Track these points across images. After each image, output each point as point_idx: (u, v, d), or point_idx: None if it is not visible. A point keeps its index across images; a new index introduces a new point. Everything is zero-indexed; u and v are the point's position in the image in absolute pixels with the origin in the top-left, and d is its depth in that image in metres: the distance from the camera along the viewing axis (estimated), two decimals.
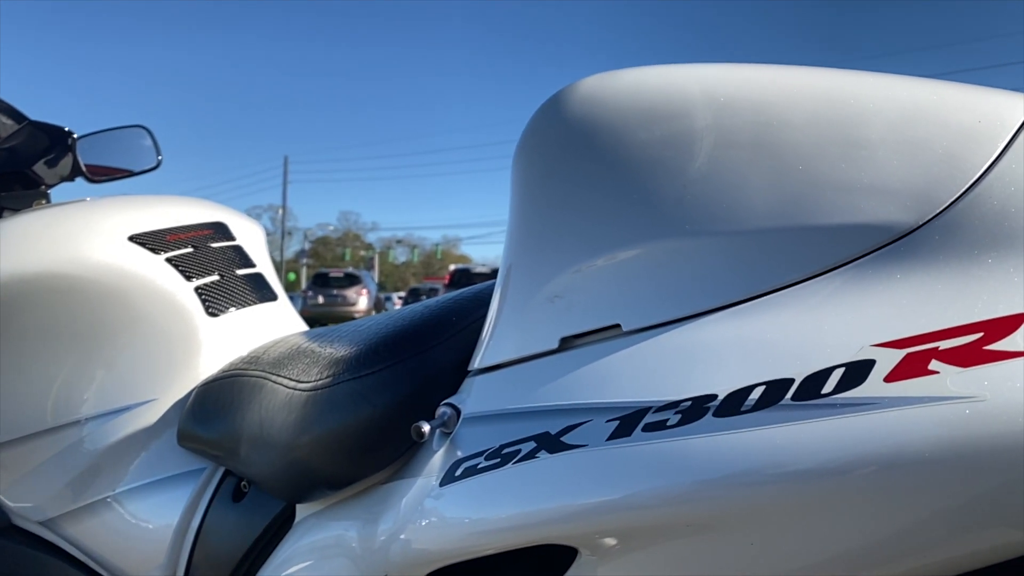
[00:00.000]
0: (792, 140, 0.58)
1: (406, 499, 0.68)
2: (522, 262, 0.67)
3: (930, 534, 0.45)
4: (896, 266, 0.52)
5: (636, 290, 0.59)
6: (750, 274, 0.55)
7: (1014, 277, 0.48)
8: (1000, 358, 0.45)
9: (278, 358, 0.94)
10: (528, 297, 0.65)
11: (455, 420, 0.65)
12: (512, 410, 0.61)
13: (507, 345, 0.66)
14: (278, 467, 0.83)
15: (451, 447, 0.64)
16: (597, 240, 0.62)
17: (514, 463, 0.57)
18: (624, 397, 0.54)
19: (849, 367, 0.48)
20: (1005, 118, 0.54)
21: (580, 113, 0.66)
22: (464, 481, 0.60)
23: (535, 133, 0.69)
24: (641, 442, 0.52)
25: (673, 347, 0.55)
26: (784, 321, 0.53)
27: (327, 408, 0.77)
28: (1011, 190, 0.51)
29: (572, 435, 0.55)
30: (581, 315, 0.61)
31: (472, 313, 0.78)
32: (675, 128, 0.62)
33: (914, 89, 0.59)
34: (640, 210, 0.60)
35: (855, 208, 0.54)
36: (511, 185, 0.72)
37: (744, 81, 0.63)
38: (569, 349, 0.61)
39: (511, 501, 0.56)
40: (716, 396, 0.51)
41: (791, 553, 0.48)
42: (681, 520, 0.50)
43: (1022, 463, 0.43)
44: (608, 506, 0.52)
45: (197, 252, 1.18)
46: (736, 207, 0.57)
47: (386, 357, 0.75)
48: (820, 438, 0.47)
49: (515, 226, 0.69)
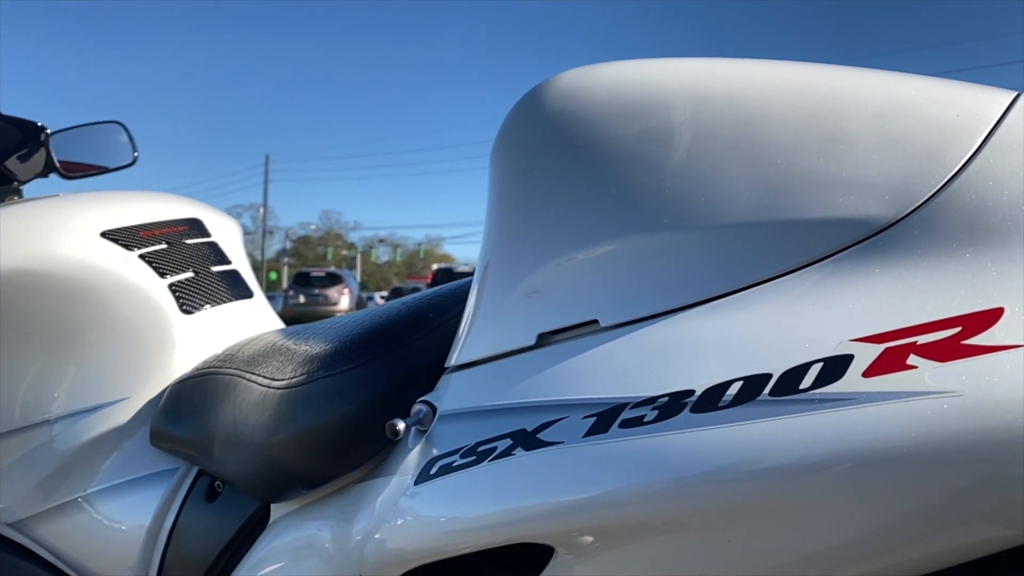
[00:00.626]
0: (771, 134, 0.57)
1: (381, 498, 0.67)
2: (500, 258, 0.66)
3: (909, 530, 0.45)
4: (875, 260, 0.51)
5: (614, 285, 0.58)
6: (728, 269, 0.55)
7: (992, 271, 0.48)
8: (978, 352, 0.45)
9: (252, 356, 0.92)
10: (506, 293, 0.64)
11: (431, 418, 0.64)
12: (488, 407, 0.60)
13: (484, 341, 0.65)
14: (252, 466, 0.82)
15: (426, 445, 0.63)
16: (575, 235, 0.61)
17: (490, 461, 0.56)
18: (601, 393, 0.54)
19: (827, 362, 0.48)
20: (983, 113, 0.54)
21: (558, 107, 0.65)
22: (439, 479, 0.59)
23: (513, 128, 0.69)
24: (618, 439, 0.51)
25: (651, 343, 0.55)
26: (762, 316, 0.52)
27: (301, 406, 0.76)
28: (989, 184, 0.50)
29: (548, 432, 0.54)
30: (559, 311, 0.60)
31: (449, 310, 0.77)
32: (654, 122, 0.61)
33: (893, 84, 0.59)
34: (619, 205, 0.60)
35: (834, 203, 0.53)
36: (489, 180, 0.71)
37: (723, 75, 0.62)
38: (547, 345, 0.61)
39: (486, 499, 0.55)
40: (693, 392, 0.50)
41: (770, 550, 0.48)
42: (658, 518, 0.50)
43: (1000, 458, 0.43)
44: (584, 504, 0.51)
45: (171, 248, 1.16)
46: (715, 202, 0.56)
47: (362, 354, 0.74)
48: (798, 434, 0.46)
49: (493, 221, 0.68)
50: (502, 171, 0.68)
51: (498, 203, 0.68)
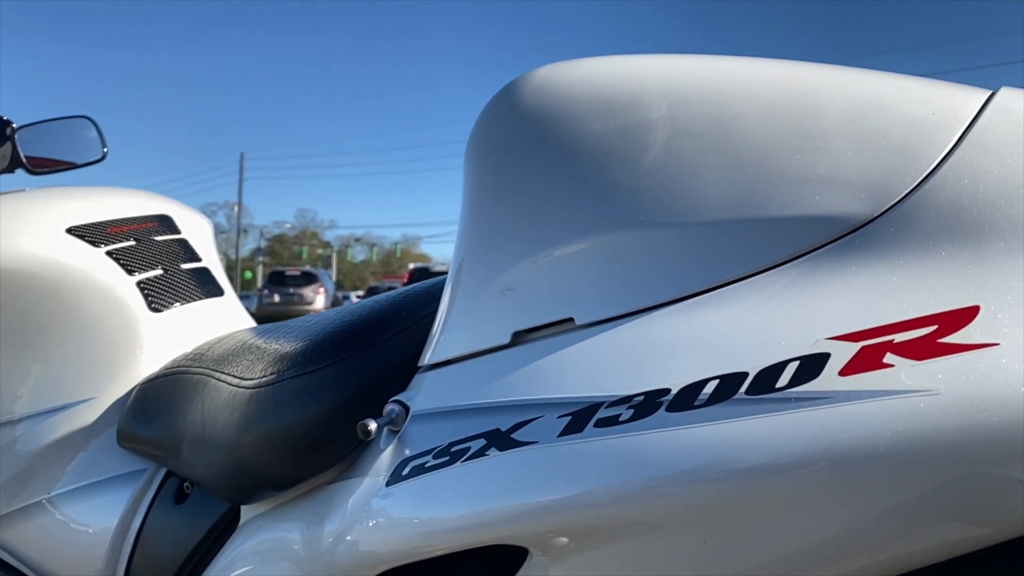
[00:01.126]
0: (747, 131, 0.57)
1: (353, 499, 0.66)
2: (474, 255, 0.66)
3: (887, 529, 0.44)
4: (851, 258, 0.51)
5: (590, 283, 0.58)
6: (704, 266, 0.54)
7: (968, 269, 0.48)
8: (955, 351, 0.45)
9: (222, 355, 0.91)
10: (480, 291, 0.63)
11: (403, 417, 0.63)
12: (462, 407, 0.59)
13: (458, 340, 0.64)
14: (222, 467, 0.80)
15: (399, 445, 0.62)
16: (551, 232, 0.60)
17: (463, 461, 0.55)
18: (576, 392, 0.53)
19: (804, 360, 0.47)
20: (959, 110, 0.54)
21: (533, 103, 0.64)
22: (412, 480, 0.58)
23: (487, 123, 0.68)
24: (593, 438, 0.50)
25: (626, 341, 0.54)
26: (738, 314, 0.52)
27: (272, 406, 0.74)
28: (964, 182, 0.50)
29: (523, 432, 0.53)
30: (534, 308, 0.60)
31: (422, 308, 0.76)
32: (630, 119, 0.60)
33: (869, 82, 0.58)
34: (594, 201, 0.59)
35: (810, 200, 0.53)
36: (464, 177, 0.70)
37: (699, 72, 0.62)
38: (521, 343, 0.60)
39: (460, 500, 0.54)
40: (669, 391, 0.49)
41: (746, 551, 0.47)
42: (634, 518, 0.49)
43: (977, 457, 0.43)
44: (559, 505, 0.51)
45: (140, 245, 1.14)
46: (691, 199, 0.56)
47: (333, 353, 0.73)
48: (775, 433, 0.46)
49: (467, 218, 0.67)
50: (477, 167, 0.67)
51: (473, 200, 0.67)
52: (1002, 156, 0.51)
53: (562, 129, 0.62)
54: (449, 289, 0.68)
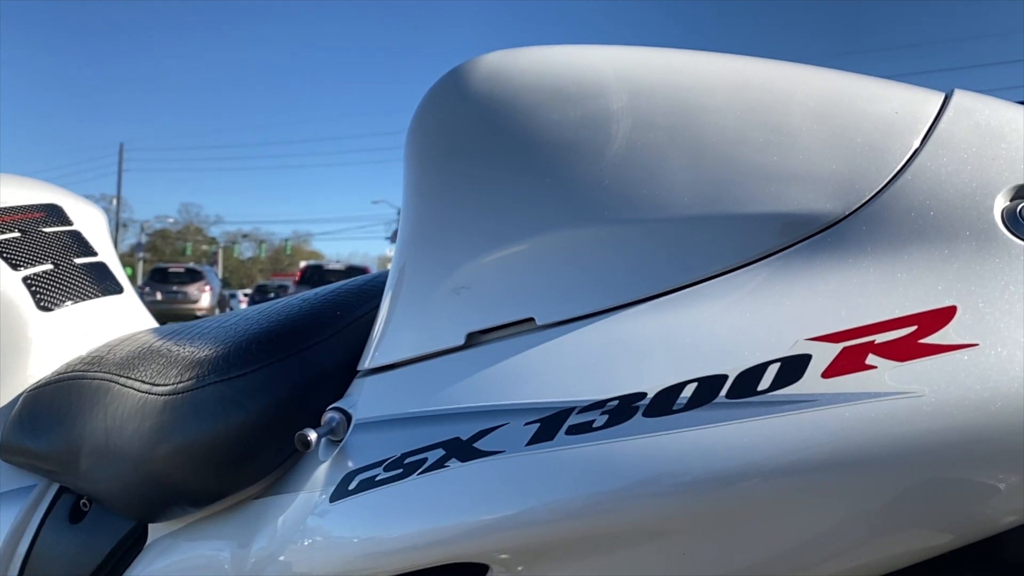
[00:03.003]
0: (712, 124, 0.55)
1: (285, 516, 0.61)
2: (421, 250, 0.61)
3: (874, 533, 0.43)
4: (824, 257, 0.50)
5: (551, 281, 0.55)
6: (673, 265, 0.52)
7: (941, 269, 0.47)
8: (935, 352, 0.44)
9: (127, 358, 0.83)
10: (429, 288, 0.59)
11: (345, 427, 0.58)
12: (414, 414, 0.54)
13: (404, 342, 0.60)
14: (129, 482, 0.73)
15: (341, 457, 0.57)
16: (507, 227, 0.57)
17: (420, 473, 0.51)
18: (543, 397, 0.50)
19: (785, 362, 0.46)
20: (919, 110, 0.54)
21: (485, 88, 0.61)
22: (360, 495, 0.53)
23: (434, 108, 0.64)
24: (565, 446, 0.47)
25: (594, 342, 0.51)
26: (712, 314, 0.50)
27: (191, 414, 0.67)
28: (933, 182, 0.50)
29: (486, 440, 0.49)
30: (490, 308, 0.56)
31: (358, 308, 0.71)
32: (589, 109, 0.58)
33: (828, 79, 0.58)
34: (555, 195, 0.56)
35: (780, 196, 0.52)
36: (405, 167, 0.66)
37: (656, 64, 0.60)
38: (477, 345, 0.56)
39: (417, 516, 0.50)
40: (645, 395, 0.47)
41: (726, 562, 0.45)
42: (611, 530, 0.46)
43: (962, 459, 0.42)
44: (530, 518, 0.47)
45: (26, 237, 1.03)
46: (657, 194, 0.54)
47: (260, 356, 0.67)
48: (759, 438, 0.44)
49: (412, 211, 0.63)
50: (422, 155, 0.63)
51: (418, 191, 0.63)
52: (966, 155, 0.51)
53: (517, 117, 0.59)
54: (392, 287, 0.63)
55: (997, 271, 0.46)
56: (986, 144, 0.51)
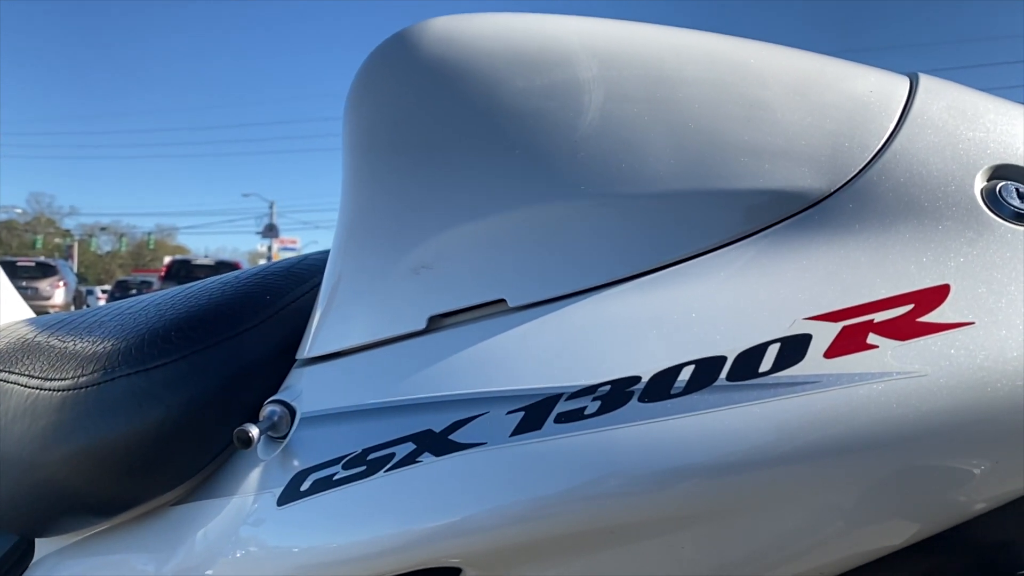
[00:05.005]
0: (689, 97, 0.52)
1: (213, 524, 0.54)
2: (369, 224, 0.56)
3: (885, 515, 0.42)
4: (813, 234, 0.48)
5: (524, 259, 0.50)
6: (657, 242, 0.49)
7: (930, 247, 0.46)
8: (934, 331, 0.43)
9: (5, 351, 0.72)
10: (382, 268, 0.54)
11: (288, 421, 0.52)
12: (373, 405, 0.49)
13: (353, 327, 0.54)
14: (16, 492, 0.63)
15: (287, 455, 0.51)
16: (473, 200, 0.52)
17: (387, 471, 0.46)
18: (526, 383, 0.45)
19: (785, 342, 0.43)
20: (891, 91, 0.53)
21: (438, 52, 0.56)
22: (316, 497, 0.47)
23: (381, 72, 0.58)
24: (556, 436, 0.43)
25: (576, 324, 0.48)
26: (702, 294, 0.47)
27: (96, 412, 0.59)
28: (915, 160, 0.49)
29: (464, 432, 0.45)
30: (456, 289, 0.51)
31: (289, 291, 0.65)
32: (557, 77, 0.54)
33: (797, 57, 0.57)
34: (526, 166, 0.52)
35: (764, 173, 0.50)
36: (347, 136, 0.60)
37: (624, 35, 0.57)
38: (441, 329, 0.51)
39: (387, 517, 0.45)
40: (639, 379, 0.44)
41: (728, 556, 0.43)
42: (606, 525, 0.43)
43: (970, 438, 0.41)
44: (519, 514, 0.43)
45: None
46: (637, 168, 0.51)
47: (182, 344, 0.59)
48: (765, 422, 0.41)
49: (357, 185, 0.58)
50: (368, 123, 0.58)
51: (364, 162, 0.57)
52: (943, 135, 0.50)
53: (477, 84, 0.54)
54: (335, 267, 0.57)
55: (982, 250, 0.46)
56: (959, 125, 0.51)
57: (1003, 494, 0.43)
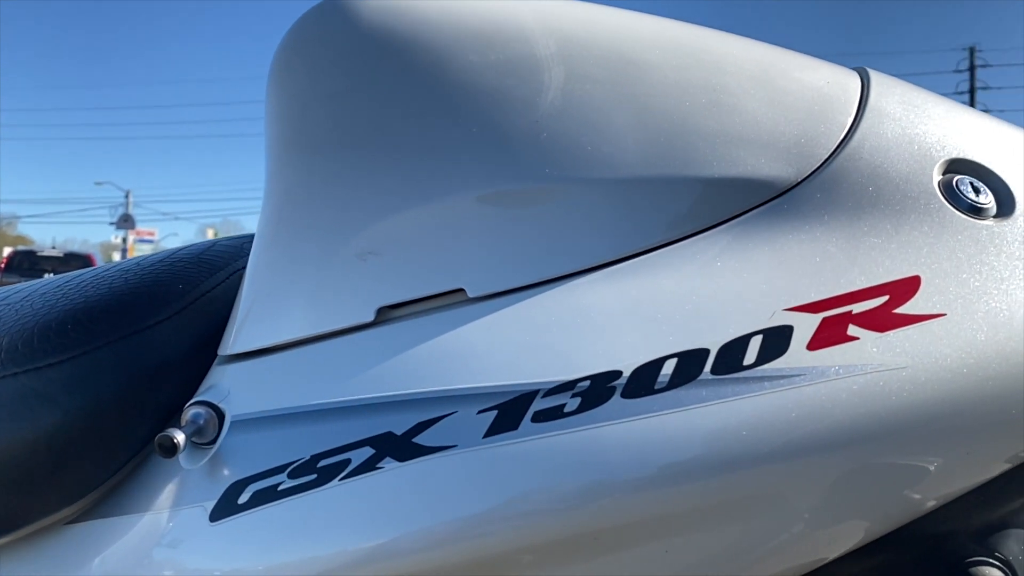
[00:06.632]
0: (653, 80, 0.50)
1: (126, 543, 0.47)
2: (304, 208, 0.51)
3: (875, 507, 0.41)
4: (783, 224, 0.47)
5: (485, 246, 0.47)
6: (627, 229, 0.47)
7: (897, 238, 0.46)
8: (909, 322, 0.43)
9: None
10: (322, 255, 0.49)
11: (216, 425, 0.46)
12: (319, 407, 0.44)
13: (288, 319, 0.49)
14: None
15: (218, 464, 0.45)
16: (426, 181, 0.48)
17: (343, 479, 0.41)
18: (497, 380, 0.42)
19: (767, 334, 0.42)
20: (845, 83, 0.53)
21: (382, 18, 0.52)
22: (259, 510, 0.42)
23: (314, 37, 0.53)
24: (534, 436, 0.40)
25: (547, 316, 0.44)
26: (677, 283, 0.45)
27: None
28: (877, 150, 0.49)
29: (430, 434, 0.41)
30: (407, 278, 0.47)
31: (203, 280, 0.58)
32: (513, 53, 0.51)
33: (753, 45, 0.56)
34: (484, 145, 0.48)
35: (731, 159, 0.48)
36: (270, 111, 0.54)
37: (581, 15, 0.54)
38: (392, 322, 0.47)
39: (346, 530, 0.40)
40: (621, 373, 0.41)
41: (715, 555, 0.41)
42: (589, 530, 0.40)
43: (946, 430, 0.41)
44: (498, 522, 0.39)
45: None
46: (603, 152, 0.48)
47: (81, 340, 0.52)
48: (753, 417, 0.40)
49: (285, 163, 0.52)
50: (299, 93, 0.53)
51: (296, 136, 0.52)
52: (901, 128, 0.50)
53: (428, 55, 0.50)
54: (262, 254, 0.52)
55: (945, 241, 0.46)
56: (913, 119, 0.51)
57: (973, 483, 0.43)
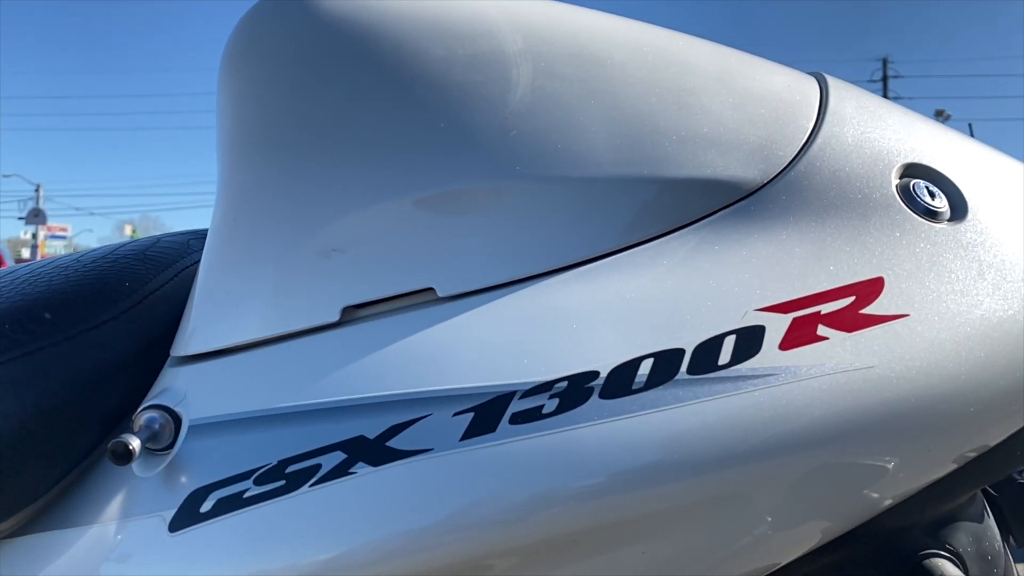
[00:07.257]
0: (620, 80, 0.50)
1: (72, 556, 0.45)
2: (262, 205, 0.49)
3: (848, 503, 0.42)
4: (750, 225, 0.47)
5: (454, 245, 0.46)
6: (596, 228, 0.46)
7: (860, 239, 0.47)
8: (875, 322, 0.44)
9: None
10: (283, 252, 0.47)
11: (172, 430, 0.44)
12: (284, 410, 0.42)
13: (246, 319, 0.47)
14: None
15: (176, 471, 0.43)
16: (392, 178, 0.47)
17: (313, 485, 0.39)
18: (472, 381, 0.41)
19: (740, 334, 0.42)
20: (805, 87, 0.54)
21: (343, 10, 0.50)
22: (223, 519, 0.40)
23: (270, 26, 0.52)
24: (512, 438, 0.39)
25: (519, 316, 0.44)
26: (648, 283, 0.45)
27: None
28: (840, 154, 0.50)
29: (404, 437, 0.40)
30: (374, 276, 0.46)
31: (150, 278, 0.55)
32: (480, 48, 0.50)
33: (717, 49, 0.56)
34: (452, 142, 0.47)
35: (699, 160, 0.48)
36: (223, 105, 0.53)
37: (549, 14, 0.54)
38: (358, 322, 0.45)
39: (319, 538, 0.39)
40: (598, 374, 0.41)
41: (692, 555, 0.41)
42: (568, 533, 0.39)
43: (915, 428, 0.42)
44: (476, 526, 0.38)
45: None
46: (572, 149, 0.47)
47: (19, 341, 0.49)
48: (729, 417, 0.40)
49: (241, 158, 0.50)
50: (254, 85, 0.51)
51: (252, 130, 0.50)
52: (860, 132, 0.51)
53: (393, 48, 0.49)
54: (219, 252, 0.49)
55: (905, 244, 0.47)
56: (869, 124, 0.52)
57: (929, 479, 0.44)
